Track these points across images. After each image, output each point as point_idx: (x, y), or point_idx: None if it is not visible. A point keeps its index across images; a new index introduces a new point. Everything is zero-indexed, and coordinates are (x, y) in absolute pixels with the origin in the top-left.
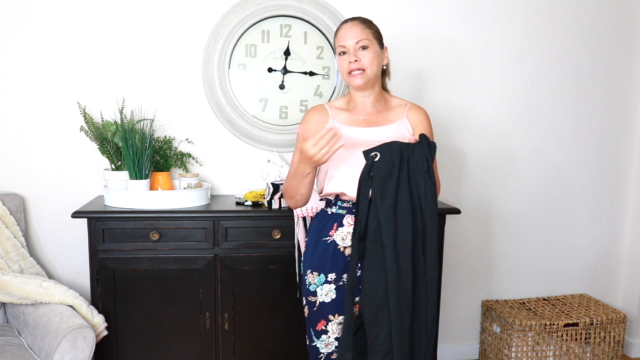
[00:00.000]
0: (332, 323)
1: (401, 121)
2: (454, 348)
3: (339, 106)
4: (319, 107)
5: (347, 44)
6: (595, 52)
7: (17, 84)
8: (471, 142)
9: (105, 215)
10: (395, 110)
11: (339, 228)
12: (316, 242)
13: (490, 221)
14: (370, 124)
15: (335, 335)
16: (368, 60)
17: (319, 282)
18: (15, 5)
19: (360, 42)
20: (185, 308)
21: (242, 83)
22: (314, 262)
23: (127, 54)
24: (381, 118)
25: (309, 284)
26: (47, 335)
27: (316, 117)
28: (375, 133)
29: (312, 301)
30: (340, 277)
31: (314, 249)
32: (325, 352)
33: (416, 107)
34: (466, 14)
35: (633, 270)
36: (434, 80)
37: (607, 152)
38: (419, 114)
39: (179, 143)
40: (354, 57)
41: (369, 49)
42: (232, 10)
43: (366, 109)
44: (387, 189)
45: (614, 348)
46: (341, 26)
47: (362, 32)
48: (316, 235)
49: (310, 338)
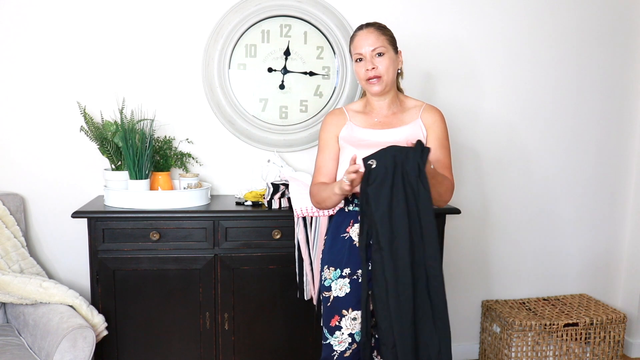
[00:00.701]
0: (346, 318)
1: (415, 122)
2: (454, 348)
3: (356, 109)
4: (337, 111)
5: (364, 51)
6: (598, 52)
7: (17, 84)
8: (471, 142)
9: (105, 215)
10: (410, 112)
11: (355, 224)
12: (334, 238)
13: (490, 221)
14: (385, 126)
15: (349, 331)
16: (384, 67)
17: (334, 277)
18: (15, 5)
19: (377, 49)
20: (185, 308)
21: (242, 83)
22: (331, 258)
23: (127, 54)
24: (396, 120)
25: (324, 280)
26: (47, 335)
27: (334, 121)
28: (389, 135)
29: (327, 297)
30: (354, 272)
31: (331, 245)
32: (338, 350)
33: (431, 107)
34: (470, 14)
35: (633, 270)
36: (433, 79)
37: (607, 152)
38: (433, 115)
39: (179, 143)
40: (370, 64)
41: (385, 55)
42: (232, 10)
43: (382, 112)
44: (382, 194)
45: (614, 348)
46: (357, 33)
47: (378, 39)
48: (334, 232)
49: (324, 336)
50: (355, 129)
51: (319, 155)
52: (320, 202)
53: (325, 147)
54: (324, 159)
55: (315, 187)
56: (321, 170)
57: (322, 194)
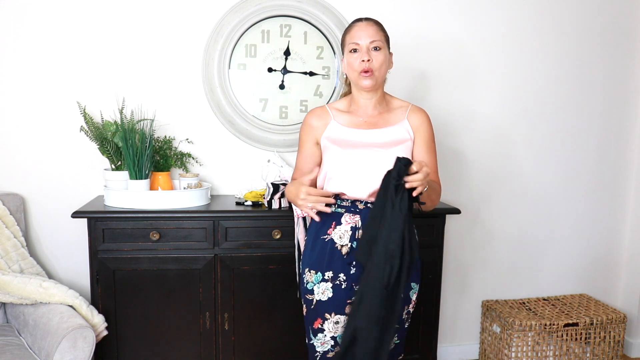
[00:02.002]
0: (329, 322)
1: (402, 123)
2: (454, 348)
3: (340, 108)
4: (319, 110)
5: (361, 42)
6: (596, 52)
7: (17, 84)
8: (471, 142)
9: (105, 215)
10: (396, 112)
11: (337, 226)
12: (314, 240)
13: (490, 221)
14: (371, 126)
15: (331, 334)
16: (379, 62)
17: (316, 281)
18: (15, 5)
19: (375, 42)
20: (185, 308)
21: (242, 83)
22: (312, 261)
23: (127, 54)
24: (382, 120)
25: (306, 282)
26: (47, 335)
27: (315, 123)
28: (375, 135)
29: (310, 299)
30: (337, 276)
31: (312, 247)
32: (320, 350)
33: (417, 109)
34: (465, 14)
35: (633, 270)
36: (431, 79)
37: (607, 152)
38: (420, 116)
39: (179, 143)
40: (366, 56)
41: (381, 50)
42: (232, 10)
43: (367, 111)
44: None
45: (614, 348)
46: (355, 23)
47: (377, 34)
48: (315, 233)
49: (308, 336)
50: (340, 129)
51: (298, 154)
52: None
53: (302, 147)
54: (300, 159)
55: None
56: (297, 171)
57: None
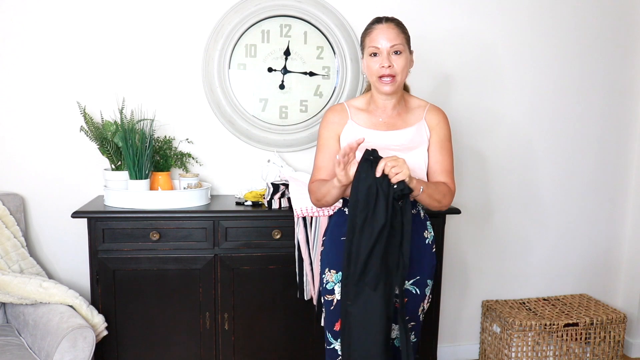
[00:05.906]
0: None
1: (419, 124)
2: (454, 348)
3: (358, 106)
4: (338, 107)
5: (382, 47)
6: (599, 54)
7: (17, 84)
8: (471, 142)
9: (105, 215)
10: (414, 112)
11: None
12: (333, 240)
13: (490, 221)
14: (390, 127)
15: None
16: (400, 67)
17: (337, 280)
18: (15, 5)
19: (395, 46)
20: (185, 308)
21: (242, 83)
22: (331, 260)
23: (127, 54)
24: (400, 121)
25: (326, 282)
26: (47, 335)
27: (336, 119)
28: (393, 137)
29: (329, 300)
30: None
31: (330, 247)
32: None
33: (435, 108)
34: (468, 9)
35: (633, 270)
36: (440, 80)
37: (607, 152)
38: (437, 116)
39: (179, 143)
40: (387, 61)
41: (402, 54)
42: (232, 10)
43: (386, 112)
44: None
45: (614, 348)
46: (375, 25)
47: (398, 37)
48: (333, 232)
49: (328, 341)
50: (358, 129)
51: (319, 154)
52: (320, 199)
53: (325, 146)
54: (324, 158)
55: (314, 184)
56: (320, 170)
57: (322, 190)
